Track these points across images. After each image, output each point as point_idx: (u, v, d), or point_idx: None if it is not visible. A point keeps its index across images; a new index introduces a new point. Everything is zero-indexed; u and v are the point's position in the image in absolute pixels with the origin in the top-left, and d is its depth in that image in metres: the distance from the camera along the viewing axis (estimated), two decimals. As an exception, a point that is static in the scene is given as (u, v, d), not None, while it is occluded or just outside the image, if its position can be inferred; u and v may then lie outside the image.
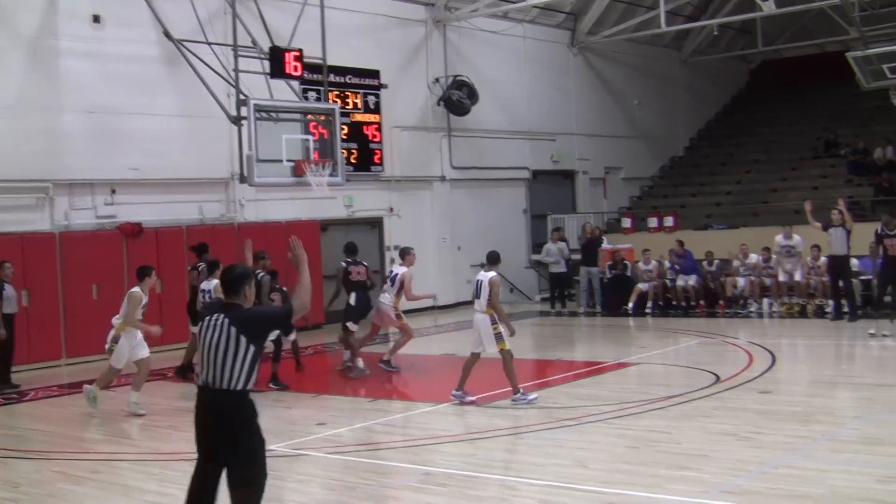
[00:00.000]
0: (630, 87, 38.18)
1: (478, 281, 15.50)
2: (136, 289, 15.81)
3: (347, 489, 10.95)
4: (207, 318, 7.98)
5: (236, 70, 21.83)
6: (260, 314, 8.31)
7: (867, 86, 29.53)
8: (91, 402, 15.78)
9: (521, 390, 14.97)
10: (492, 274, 15.40)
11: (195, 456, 7.97)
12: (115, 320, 15.92)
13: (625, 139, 37.71)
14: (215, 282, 15.98)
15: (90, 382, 16.12)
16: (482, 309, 15.13)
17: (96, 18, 22.95)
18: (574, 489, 10.29)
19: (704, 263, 26.98)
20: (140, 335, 15.85)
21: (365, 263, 19.38)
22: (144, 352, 15.89)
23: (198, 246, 19.81)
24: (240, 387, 7.74)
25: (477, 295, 15.34)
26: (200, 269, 18.79)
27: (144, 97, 23.60)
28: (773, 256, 25.57)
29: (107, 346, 16.00)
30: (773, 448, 11.68)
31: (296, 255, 8.57)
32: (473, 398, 15.17)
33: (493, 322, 14.94)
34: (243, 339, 7.71)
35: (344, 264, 19.07)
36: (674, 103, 40.57)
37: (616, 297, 27.66)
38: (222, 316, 7.89)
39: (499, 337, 14.93)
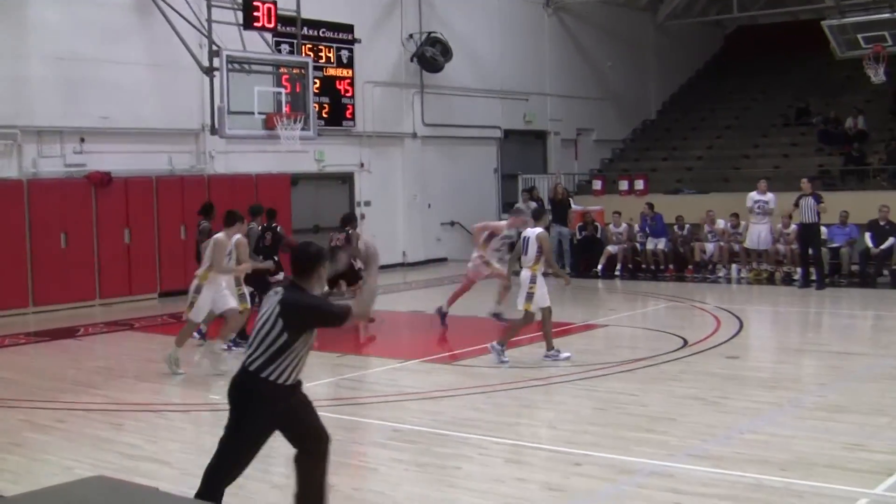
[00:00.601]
0: (604, 50, 38.08)
1: (524, 238, 15.23)
2: (221, 234, 15.00)
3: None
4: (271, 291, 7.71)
5: (209, 20, 21.68)
6: (308, 306, 7.58)
7: (841, 55, 29.65)
8: (173, 365, 14.69)
9: (556, 348, 15.05)
10: (539, 230, 15.04)
11: (164, 407, 7.98)
12: (199, 271, 15.13)
13: (597, 101, 37.67)
14: (237, 237, 15.52)
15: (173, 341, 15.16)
16: (528, 265, 14.91)
17: (67, -36, 22.76)
18: (541, 449, 10.36)
19: (675, 228, 27.08)
20: (224, 284, 15.16)
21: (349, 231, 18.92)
22: (232, 302, 15.19)
23: (204, 207, 19.42)
24: (254, 368, 7.44)
25: (524, 251, 15.06)
26: (202, 227, 18.49)
27: (115, 45, 23.35)
28: (742, 223, 25.66)
29: (189, 300, 15.16)
30: (740, 413, 11.76)
31: (366, 253, 8.27)
32: (567, 354, 15.00)
33: (533, 281, 14.70)
34: (280, 323, 7.36)
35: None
36: (647, 67, 40.54)
37: (585, 259, 27.75)
38: (279, 295, 7.53)
39: (530, 297, 14.71)
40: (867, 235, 24.01)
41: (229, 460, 7.64)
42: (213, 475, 7.63)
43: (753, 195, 25.16)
